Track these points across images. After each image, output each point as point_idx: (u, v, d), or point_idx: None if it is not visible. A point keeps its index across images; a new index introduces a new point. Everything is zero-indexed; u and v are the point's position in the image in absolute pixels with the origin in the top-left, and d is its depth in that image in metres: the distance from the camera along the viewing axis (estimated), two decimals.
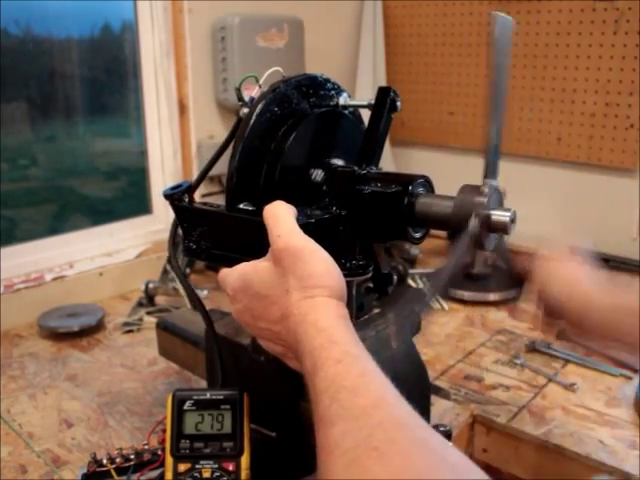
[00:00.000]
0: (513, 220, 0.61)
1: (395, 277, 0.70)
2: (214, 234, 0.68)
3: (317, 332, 0.51)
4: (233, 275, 0.59)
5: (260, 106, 0.66)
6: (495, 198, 0.63)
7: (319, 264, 0.54)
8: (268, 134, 0.67)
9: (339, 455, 0.41)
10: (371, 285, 0.74)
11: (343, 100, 0.73)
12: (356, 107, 0.75)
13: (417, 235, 0.67)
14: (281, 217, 0.57)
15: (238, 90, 0.68)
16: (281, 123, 0.68)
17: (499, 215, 0.61)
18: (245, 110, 0.68)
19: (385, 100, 0.69)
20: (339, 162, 0.71)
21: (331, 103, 0.73)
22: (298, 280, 0.54)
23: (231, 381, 0.76)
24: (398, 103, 0.70)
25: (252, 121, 0.66)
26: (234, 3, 1.53)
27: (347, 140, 0.74)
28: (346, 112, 0.74)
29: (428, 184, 0.67)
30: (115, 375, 1.08)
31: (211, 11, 1.50)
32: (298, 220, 0.58)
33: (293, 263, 0.54)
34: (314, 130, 0.70)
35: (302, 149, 0.69)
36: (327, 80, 0.73)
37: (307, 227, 0.58)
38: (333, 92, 0.73)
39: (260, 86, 0.69)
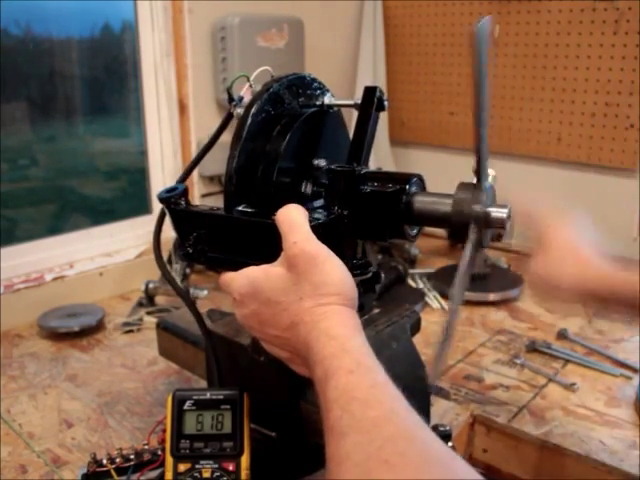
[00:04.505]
0: (509, 216, 0.62)
1: (383, 275, 0.71)
2: (212, 237, 0.67)
3: (329, 340, 0.50)
4: (240, 279, 0.59)
5: (256, 106, 0.66)
6: (491, 196, 0.63)
7: (334, 272, 0.54)
8: (263, 134, 0.67)
9: (350, 467, 0.41)
10: None
11: (327, 100, 0.73)
12: (342, 107, 0.75)
13: (413, 232, 0.67)
14: (297, 222, 0.56)
15: (229, 90, 0.68)
16: (275, 123, 0.68)
17: (497, 212, 0.61)
18: (239, 110, 0.67)
19: (372, 99, 0.69)
20: (323, 163, 0.71)
21: (317, 103, 0.73)
22: (312, 287, 0.53)
23: (231, 381, 0.76)
24: (385, 102, 0.70)
25: (248, 122, 0.65)
26: (234, 3, 1.53)
27: (334, 140, 0.74)
28: (330, 112, 0.75)
29: (421, 183, 0.67)
30: (115, 375, 1.08)
31: (211, 11, 1.50)
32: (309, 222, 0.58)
33: (308, 270, 0.54)
34: (307, 130, 0.70)
35: (297, 149, 0.69)
36: (314, 80, 0.73)
37: (316, 229, 0.57)
38: (319, 92, 0.74)
39: (251, 85, 0.69)
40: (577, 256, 0.73)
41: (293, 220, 0.57)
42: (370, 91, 0.69)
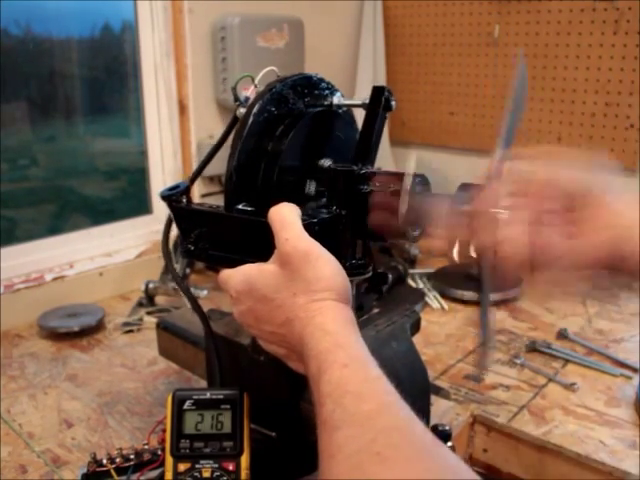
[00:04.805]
0: None
1: (390, 276, 0.70)
2: (213, 235, 0.68)
3: (323, 335, 0.51)
4: (236, 277, 0.59)
5: (257, 106, 0.66)
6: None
7: (326, 267, 0.54)
8: (265, 134, 0.67)
9: (342, 459, 0.41)
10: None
11: (337, 100, 0.73)
12: (350, 106, 0.75)
13: (415, 233, 0.67)
14: (288, 219, 0.57)
15: (234, 90, 0.68)
16: (278, 123, 0.68)
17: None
18: (242, 110, 0.68)
19: (380, 99, 0.69)
20: (328, 162, 0.71)
21: (325, 103, 0.73)
22: (306, 283, 0.54)
23: (231, 381, 0.75)
24: (393, 102, 0.70)
25: (250, 121, 0.66)
26: (234, 3, 1.53)
27: (342, 139, 0.74)
28: (340, 112, 0.74)
29: (425, 182, 0.67)
30: (115, 375, 1.08)
31: (211, 11, 1.50)
32: (302, 220, 0.58)
33: (301, 266, 0.54)
34: (311, 130, 0.70)
35: (299, 149, 0.69)
36: (321, 80, 0.73)
37: (310, 227, 0.58)
38: (327, 92, 0.74)
39: (256, 85, 0.69)
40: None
41: (284, 218, 0.57)
42: (378, 91, 0.69)
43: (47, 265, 1.35)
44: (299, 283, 0.54)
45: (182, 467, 0.67)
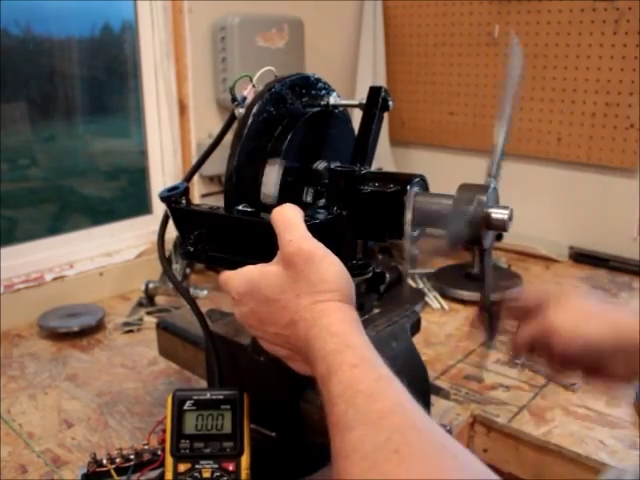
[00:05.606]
0: (511, 218, 0.62)
1: (387, 275, 0.70)
2: (213, 236, 0.67)
3: (330, 336, 0.50)
4: (238, 278, 0.59)
5: (257, 106, 0.66)
6: (493, 197, 0.63)
7: (330, 268, 0.54)
8: (265, 134, 0.67)
9: (358, 459, 0.41)
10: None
11: (333, 100, 0.73)
12: (347, 106, 0.75)
13: (415, 234, 0.67)
14: (292, 220, 0.57)
15: (232, 90, 0.68)
16: (277, 123, 0.68)
17: (498, 213, 0.61)
18: (241, 110, 0.68)
19: (377, 99, 0.69)
20: (325, 163, 0.71)
21: (322, 103, 0.73)
22: (310, 284, 0.53)
23: (231, 381, 0.75)
24: (390, 102, 0.70)
25: (249, 121, 0.66)
26: (234, 3, 1.53)
27: (338, 140, 0.74)
28: (337, 112, 0.74)
29: (424, 183, 0.67)
30: (115, 375, 1.08)
31: (211, 11, 1.50)
32: (305, 221, 0.58)
33: (305, 268, 0.54)
34: (309, 130, 0.70)
35: (298, 149, 0.69)
36: (318, 80, 0.73)
37: (313, 228, 0.58)
38: (324, 92, 0.74)
39: (254, 85, 0.69)
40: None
41: (288, 219, 0.57)
42: (375, 91, 0.70)
43: (47, 265, 1.35)
44: (303, 284, 0.54)
45: (182, 467, 0.67)
